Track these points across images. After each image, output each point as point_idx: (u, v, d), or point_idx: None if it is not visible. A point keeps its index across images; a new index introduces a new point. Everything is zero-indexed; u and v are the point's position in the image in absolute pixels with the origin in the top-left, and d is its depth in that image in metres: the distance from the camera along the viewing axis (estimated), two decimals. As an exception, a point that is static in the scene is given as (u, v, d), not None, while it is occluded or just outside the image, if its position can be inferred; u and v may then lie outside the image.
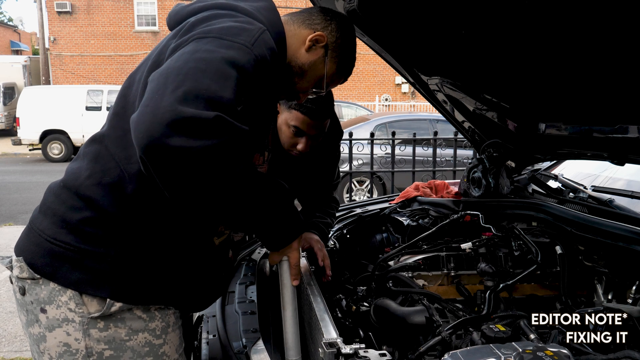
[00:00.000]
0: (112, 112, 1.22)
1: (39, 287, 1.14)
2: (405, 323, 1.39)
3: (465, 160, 5.39)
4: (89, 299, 1.12)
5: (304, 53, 1.29)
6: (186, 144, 0.92)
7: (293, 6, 19.24)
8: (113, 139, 1.16)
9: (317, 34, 1.28)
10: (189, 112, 0.93)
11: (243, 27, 1.09)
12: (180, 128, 0.92)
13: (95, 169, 1.15)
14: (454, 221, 1.92)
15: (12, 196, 8.49)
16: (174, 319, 1.23)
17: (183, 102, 0.94)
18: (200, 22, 1.12)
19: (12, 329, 3.58)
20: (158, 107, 0.94)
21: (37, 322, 1.15)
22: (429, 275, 1.74)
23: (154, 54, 1.18)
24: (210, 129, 0.94)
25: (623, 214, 1.74)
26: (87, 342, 1.12)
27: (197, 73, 0.98)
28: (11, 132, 16.56)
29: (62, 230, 1.13)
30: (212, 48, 1.03)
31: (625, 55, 1.32)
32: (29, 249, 1.17)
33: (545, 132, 1.93)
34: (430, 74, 1.97)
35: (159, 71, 1.02)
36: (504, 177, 2.13)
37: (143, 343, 1.17)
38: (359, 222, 2.19)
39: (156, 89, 0.97)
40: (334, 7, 1.70)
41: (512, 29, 1.44)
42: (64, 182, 1.19)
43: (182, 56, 1.02)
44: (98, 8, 19.77)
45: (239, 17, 1.14)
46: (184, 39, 1.08)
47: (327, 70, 1.31)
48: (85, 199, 1.13)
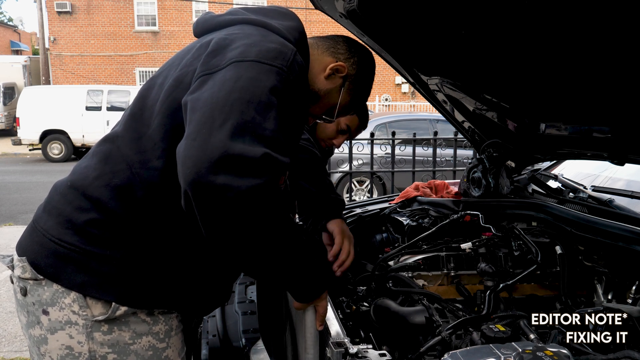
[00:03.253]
0: (129, 112, 1.20)
1: (41, 288, 1.13)
2: (406, 323, 1.39)
3: (465, 160, 5.39)
4: (93, 302, 1.11)
5: (323, 80, 1.30)
6: (232, 182, 0.92)
7: (293, 6, 19.23)
8: (127, 141, 1.15)
9: (339, 64, 1.30)
10: (237, 149, 0.93)
11: (278, 49, 1.09)
12: (227, 166, 0.92)
13: (104, 170, 1.14)
14: (454, 221, 1.91)
15: (12, 196, 8.49)
16: (177, 323, 1.22)
17: (231, 137, 0.94)
18: (229, 43, 1.09)
19: (12, 329, 3.58)
20: (207, 143, 0.94)
21: (39, 324, 1.14)
22: (428, 275, 1.74)
23: (177, 67, 1.15)
24: (256, 167, 0.94)
25: (623, 214, 1.74)
26: (91, 346, 1.11)
27: (242, 104, 0.97)
28: (11, 132, 16.56)
29: (68, 231, 1.12)
30: (253, 75, 1.02)
31: (625, 55, 1.31)
32: (32, 249, 1.16)
33: (545, 132, 1.93)
34: (430, 74, 1.97)
35: (203, 100, 1.00)
36: (504, 177, 2.13)
37: (147, 347, 1.16)
38: (359, 222, 2.18)
39: (203, 121, 0.96)
40: (334, 7, 1.70)
41: (512, 29, 1.44)
42: (71, 182, 1.17)
43: (225, 85, 1.00)
44: (98, 8, 19.78)
45: (270, 36, 1.14)
46: (216, 61, 1.06)
47: (340, 100, 1.33)
48: (92, 200, 1.12)
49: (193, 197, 0.94)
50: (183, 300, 1.21)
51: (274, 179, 0.97)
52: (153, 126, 1.12)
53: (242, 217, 0.95)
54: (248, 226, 0.97)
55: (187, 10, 20.17)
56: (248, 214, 0.95)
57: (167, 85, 1.12)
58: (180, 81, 1.10)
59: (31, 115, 13.16)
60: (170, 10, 20.02)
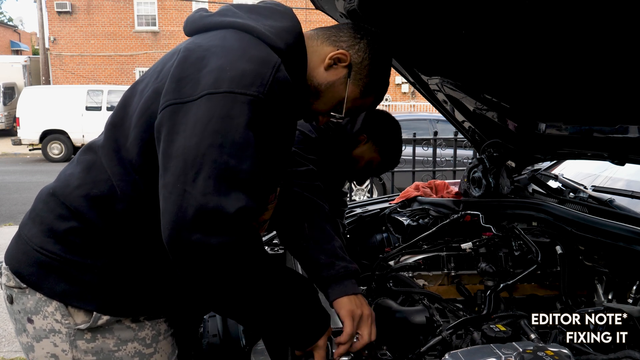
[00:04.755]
0: (110, 121, 1.16)
1: (25, 297, 1.11)
2: (406, 323, 1.39)
3: (465, 160, 5.38)
4: (75, 311, 1.09)
5: (322, 72, 1.18)
6: (206, 240, 0.92)
7: (293, 6, 19.22)
8: (107, 152, 1.11)
9: (338, 52, 1.17)
10: (212, 204, 0.93)
11: (255, 71, 1.00)
12: (201, 223, 0.92)
13: (86, 180, 1.11)
14: (454, 221, 1.92)
15: (12, 196, 8.49)
16: (166, 327, 1.20)
17: (203, 192, 0.93)
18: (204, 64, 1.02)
19: (12, 329, 3.57)
20: (182, 199, 0.94)
21: (25, 332, 1.13)
22: (429, 275, 1.74)
23: (159, 74, 1.10)
24: (230, 224, 0.94)
25: (623, 214, 1.74)
26: (75, 354, 1.10)
27: (215, 152, 0.95)
28: (11, 132, 16.56)
29: (49, 239, 1.10)
30: (225, 112, 0.97)
31: (626, 55, 1.31)
32: (16, 257, 1.14)
33: (545, 132, 1.93)
34: (430, 74, 1.97)
35: (176, 148, 0.97)
36: (504, 177, 2.13)
37: (132, 353, 1.14)
38: (359, 222, 2.19)
39: (177, 173, 0.95)
40: (334, 7, 1.70)
41: (512, 29, 1.44)
42: (54, 190, 1.15)
43: (196, 128, 0.96)
44: (98, 8, 19.78)
45: (252, 49, 1.05)
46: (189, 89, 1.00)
47: (347, 94, 1.19)
48: (72, 209, 1.10)
49: (170, 251, 0.96)
50: (168, 307, 1.19)
51: (246, 232, 0.97)
52: (130, 139, 1.08)
53: (217, 270, 0.96)
54: (223, 278, 0.98)
55: (187, 10, 20.15)
56: (222, 267, 0.96)
57: (146, 97, 1.08)
58: (159, 93, 1.05)
59: (31, 115, 13.16)
60: (170, 10, 20.02)
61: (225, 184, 0.95)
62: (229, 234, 0.94)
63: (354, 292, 1.26)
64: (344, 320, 1.20)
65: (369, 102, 1.26)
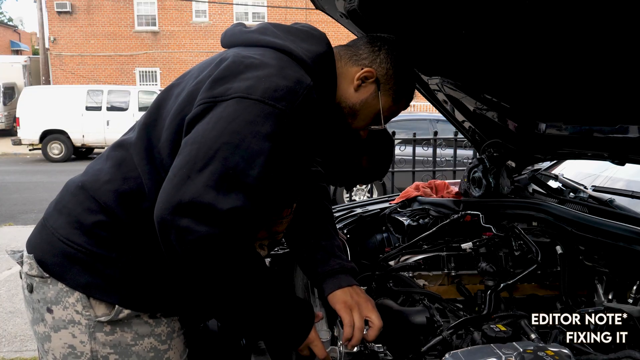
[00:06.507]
0: (143, 121, 1.20)
1: (46, 286, 1.13)
2: (406, 323, 1.39)
3: (465, 160, 5.39)
4: (97, 303, 1.12)
5: (353, 93, 1.24)
6: (194, 227, 0.95)
7: (293, 6, 19.22)
8: (138, 150, 1.15)
9: (364, 72, 1.23)
10: (208, 198, 0.95)
11: (289, 87, 1.05)
12: (193, 211, 0.95)
13: (116, 175, 1.15)
14: (454, 221, 1.91)
15: (12, 196, 8.48)
16: (179, 325, 1.22)
17: (205, 185, 0.96)
18: (243, 70, 1.07)
19: (12, 329, 3.58)
20: (182, 184, 0.97)
21: (43, 322, 1.15)
22: (429, 275, 1.74)
23: (194, 80, 1.14)
24: (218, 219, 0.96)
25: (623, 214, 1.74)
26: (93, 346, 1.12)
27: (229, 150, 0.98)
28: (11, 132, 16.56)
29: (76, 231, 1.13)
30: (251, 118, 1.01)
31: (626, 55, 1.31)
32: (40, 247, 1.17)
33: (545, 132, 1.93)
34: (431, 74, 1.97)
35: (194, 136, 1.02)
36: (505, 177, 2.13)
37: (148, 348, 1.16)
38: (359, 222, 2.19)
39: (187, 160, 0.99)
40: (335, 7, 1.70)
41: (512, 29, 1.44)
42: (83, 183, 1.18)
43: (219, 123, 1.01)
44: (98, 8, 19.79)
45: (288, 69, 1.09)
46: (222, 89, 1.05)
47: (382, 105, 1.25)
48: (101, 202, 1.13)
49: (158, 231, 0.98)
50: (185, 306, 1.21)
51: (236, 231, 0.99)
52: (162, 140, 1.13)
53: (200, 260, 0.98)
54: (206, 269, 1.00)
55: (187, 10, 20.17)
56: (205, 257, 0.98)
57: (180, 100, 1.13)
58: (194, 97, 1.09)
59: (31, 115, 13.17)
60: (170, 10, 20.02)
61: (228, 184, 0.97)
62: (217, 226, 0.96)
63: (349, 284, 1.27)
64: (340, 312, 1.22)
65: (403, 105, 1.33)
